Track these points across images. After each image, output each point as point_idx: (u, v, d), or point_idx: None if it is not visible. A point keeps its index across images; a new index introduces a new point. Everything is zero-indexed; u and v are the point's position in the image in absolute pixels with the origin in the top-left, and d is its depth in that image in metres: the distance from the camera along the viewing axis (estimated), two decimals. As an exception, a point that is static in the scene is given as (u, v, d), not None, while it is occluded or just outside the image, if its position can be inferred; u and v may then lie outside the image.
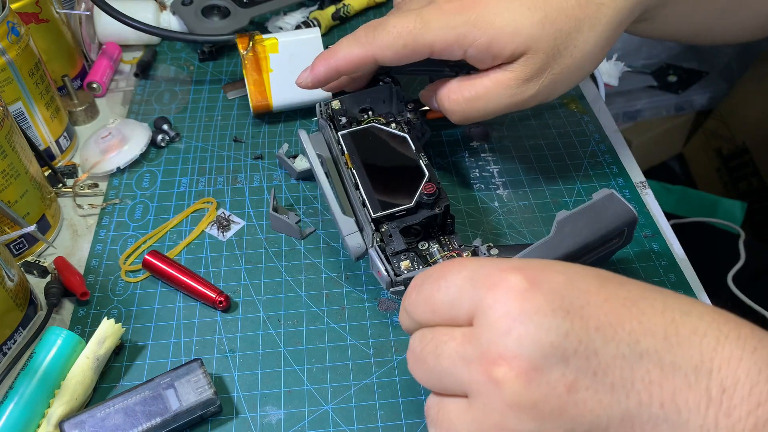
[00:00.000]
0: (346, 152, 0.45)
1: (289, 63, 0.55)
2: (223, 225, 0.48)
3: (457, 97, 0.43)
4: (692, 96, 1.29)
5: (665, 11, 0.45)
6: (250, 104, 0.55)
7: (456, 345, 0.27)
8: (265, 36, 0.55)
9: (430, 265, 0.41)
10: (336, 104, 0.49)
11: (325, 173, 0.46)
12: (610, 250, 0.41)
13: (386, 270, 0.40)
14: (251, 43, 0.55)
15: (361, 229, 0.42)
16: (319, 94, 0.54)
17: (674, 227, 0.49)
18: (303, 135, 0.48)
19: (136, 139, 0.53)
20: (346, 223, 0.43)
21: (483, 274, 0.28)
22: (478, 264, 0.29)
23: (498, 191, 0.51)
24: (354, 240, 0.42)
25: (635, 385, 0.25)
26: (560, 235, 0.38)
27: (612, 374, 0.25)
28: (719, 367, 0.25)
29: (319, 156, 0.47)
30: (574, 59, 0.41)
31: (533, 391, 0.25)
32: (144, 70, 0.63)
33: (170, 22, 0.64)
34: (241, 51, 0.55)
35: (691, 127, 1.30)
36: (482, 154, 0.54)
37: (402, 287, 0.39)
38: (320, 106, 0.50)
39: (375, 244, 0.41)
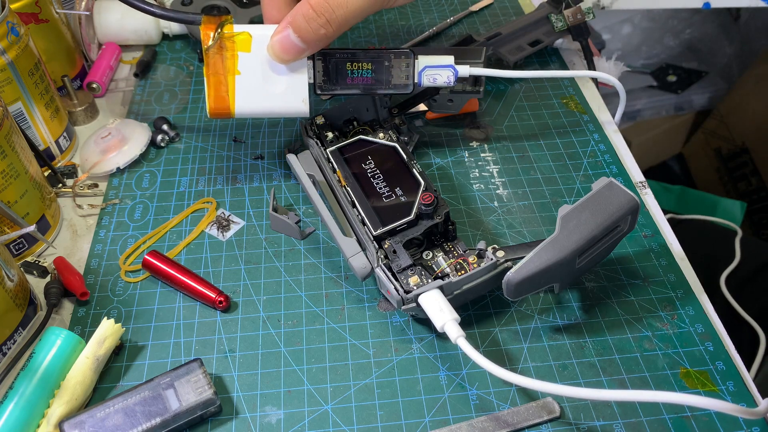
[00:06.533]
0: (337, 169, 0.45)
1: (262, 67, 0.45)
2: (223, 225, 0.48)
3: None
4: (692, 96, 1.29)
5: None
6: (207, 106, 0.46)
7: None
8: (236, 28, 0.45)
9: (439, 277, 0.41)
10: (320, 119, 0.49)
11: (320, 194, 0.46)
12: (617, 238, 0.41)
13: (396, 289, 0.39)
14: (218, 33, 0.45)
15: (363, 249, 0.42)
16: (291, 104, 0.46)
17: (673, 225, 0.49)
18: (291, 157, 0.48)
19: (135, 139, 0.53)
20: (347, 245, 0.42)
21: None
22: None
23: (498, 191, 0.51)
24: (358, 261, 0.41)
25: None
26: (566, 231, 0.38)
27: None
28: None
29: (310, 176, 0.47)
30: None
31: None
32: (144, 70, 0.63)
33: (170, 22, 0.64)
34: (204, 44, 0.45)
35: (690, 127, 1.30)
36: (482, 154, 0.54)
37: (413, 304, 0.39)
38: (304, 123, 0.49)
39: (380, 262, 0.41)
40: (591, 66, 0.62)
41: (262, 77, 0.45)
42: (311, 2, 0.42)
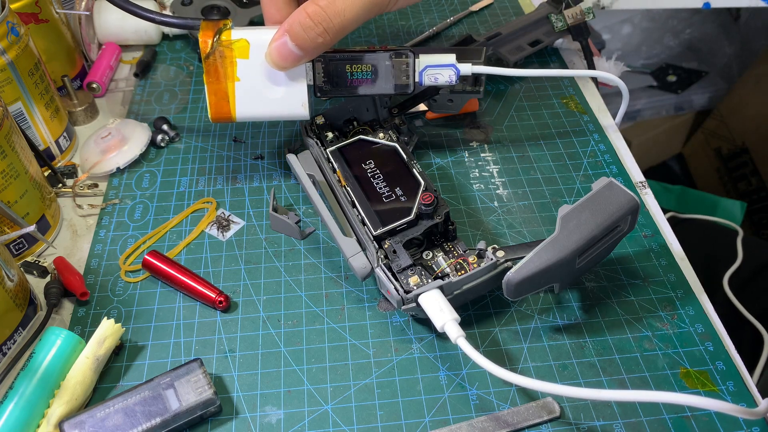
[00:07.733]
0: (337, 169, 0.45)
1: (261, 73, 0.45)
2: (223, 225, 0.48)
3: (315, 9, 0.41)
4: (692, 96, 1.29)
5: None
6: (208, 113, 0.46)
7: None
8: (234, 33, 0.44)
9: (439, 277, 0.41)
10: (320, 119, 0.49)
11: (320, 194, 0.46)
12: (617, 238, 0.41)
13: (396, 289, 0.39)
14: (216, 40, 0.44)
15: (363, 249, 0.42)
16: (292, 109, 0.46)
17: (674, 225, 0.49)
18: (291, 157, 0.48)
19: (135, 139, 0.53)
20: (347, 245, 0.42)
21: None
22: None
23: (498, 191, 0.51)
24: (358, 261, 0.41)
25: None
26: (566, 231, 0.38)
27: None
28: None
29: (310, 176, 0.47)
30: None
31: None
32: (144, 70, 0.63)
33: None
34: (203, 52, 0.44)
35: (690, 127, 1.30)
36: (482, 154, 0.54)
37: (413, 304, 0.39)
38: (304, 123, 0.49)
39: (380, 262, 0.41)
40: (591, 66, 0.62)
41: (262, 83, 0.45)
42: (308, 10, 0.41)
